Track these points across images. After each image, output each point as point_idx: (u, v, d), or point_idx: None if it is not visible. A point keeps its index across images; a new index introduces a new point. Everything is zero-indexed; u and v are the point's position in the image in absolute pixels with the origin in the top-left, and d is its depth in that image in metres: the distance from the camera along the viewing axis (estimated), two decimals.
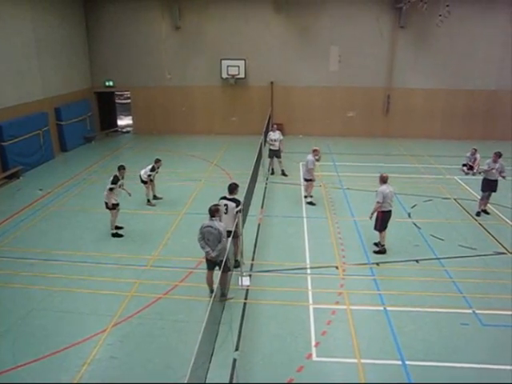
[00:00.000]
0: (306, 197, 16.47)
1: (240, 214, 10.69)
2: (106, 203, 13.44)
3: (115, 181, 13.35)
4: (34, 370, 8.07)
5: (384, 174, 12.41)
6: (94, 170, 20.49)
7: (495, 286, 10.93)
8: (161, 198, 16.49)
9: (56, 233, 13.88)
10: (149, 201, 16.12)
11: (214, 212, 9.71)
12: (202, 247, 9.76)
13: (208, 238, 9.63)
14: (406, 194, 17.02)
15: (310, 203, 16.05)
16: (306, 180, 16.32)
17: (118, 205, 13.61)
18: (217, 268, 9.72)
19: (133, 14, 26.41)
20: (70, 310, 9.90)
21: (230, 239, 10.21)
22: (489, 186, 15.04)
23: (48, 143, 21.93)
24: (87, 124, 26.15)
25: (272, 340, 8.93)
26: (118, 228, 13.82)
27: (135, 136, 28.21)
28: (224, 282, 9.85)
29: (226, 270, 9.53)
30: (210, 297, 9.76)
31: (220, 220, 9.93)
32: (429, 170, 20.40)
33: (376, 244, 12.75)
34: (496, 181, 14.98)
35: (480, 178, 18.86)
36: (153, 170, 15.96)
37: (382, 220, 12.34)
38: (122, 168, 13.73)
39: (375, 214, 12.36)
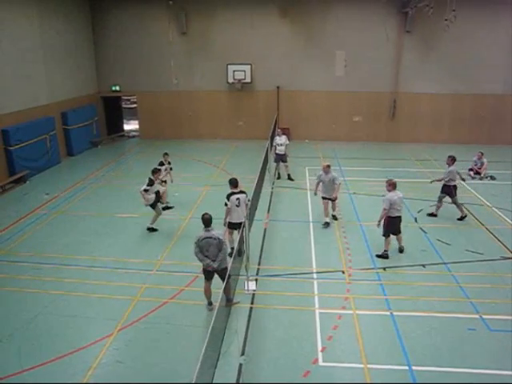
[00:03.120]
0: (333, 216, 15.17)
1: (249, 204, 11.57)
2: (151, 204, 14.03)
3: (151, 183, 13.88)
4: (39, 374, 8.07)
5: (393, 181, 12.36)
6: (100, 174, 20.55)
7: (502, 290, 10.85)
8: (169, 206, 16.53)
9: (62, 237, 13.92)
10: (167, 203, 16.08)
11: (208, 221, 9.55)
12: (201, 260, 9.49)
13: (207, 249, 9.40)
14: (413, 198, 16.95)
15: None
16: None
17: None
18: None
19: (139, 19, 26.57)
20: (76, 315, 9.91)
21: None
22: (447, 190, 14.98)
23: (54, 148, 22.04)
24: (93, 128, 26.27)
25: (278, 345, 8.90)
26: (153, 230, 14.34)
27: (141, 141, 28.31)
28: (228, 289, 9.66)
29: (229, 277, 9.42)
30: (209, 309, 9.87)
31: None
32: (435, 175, 20.26)
33: (379, 255, 12.60)
34: (447, 186, 14.90)
35: (487, 182, 18.94)
36: (161, 164, 15.90)
37: (388, 225, 12.32)
38: (157, 170, 14.60)
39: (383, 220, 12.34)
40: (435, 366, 8.27)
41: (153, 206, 14.02)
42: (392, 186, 12.25)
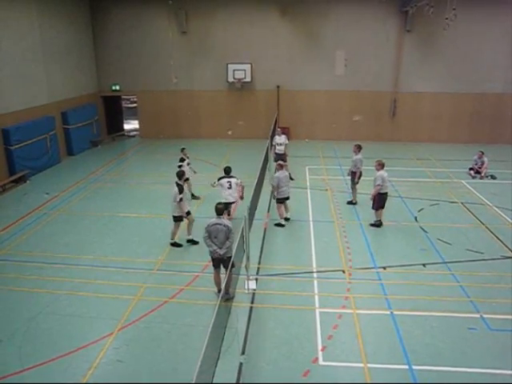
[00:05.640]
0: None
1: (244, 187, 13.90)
2: (175, 216, 12.84)
3: (181, 190, 12.69)
4: (40, 374, 8.08)
5: (382, 161, 14.18)
6: (100, 173, 20.55)
7: (503, 290, 10.84)
8: (198, 198, 16.93)
9: (62, 236, 13.92)
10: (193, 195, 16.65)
11: (221, 210, 10.02)
12: (209, 245, 9.97)
13: (216, 235, 9.84)
14: (413, 197, 16.97)
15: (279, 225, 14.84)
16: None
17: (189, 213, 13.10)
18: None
19: (139, 19, 26.55)
20: (76, 314, 9.92)
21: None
22: (352, 176, 16.25)
23: (55, 147, 22.03)
24: (94, 128, 26.27)
25: (278, 344, 8.90)
26: (177, 245, 13.16)
27: (141, 140, 28.29)
28: (229, 282, 9.85)
29: (232, 266, 9.62)
30: (218, 296, 9.79)
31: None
32: (435, 174, 20.33)
33: (372, 224, 14.49)
34: (354, 173, 16.02)
35: (488, 181, 18.95)
36: (182, 160, 15.99)
37: (379, 201, 14.09)
38: (181, 174, 13.33)
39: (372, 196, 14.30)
40: (435, 366, 8.28)
41: (188, 212, 13.07)
42: (381, 165, 14.08)
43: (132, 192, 18.04)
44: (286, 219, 14.84)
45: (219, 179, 13.85)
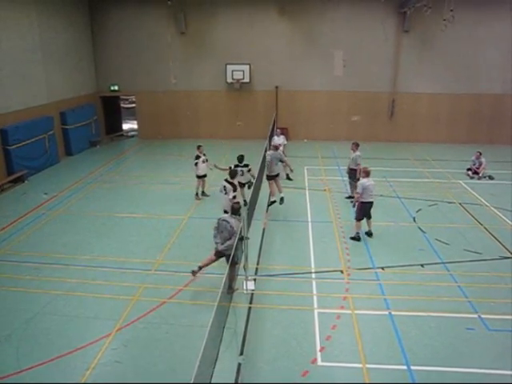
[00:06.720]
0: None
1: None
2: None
3: (235, 188, 12.86)
4: (37, 375, 8.05)
5: (367, 169, 13.60)
6: (98, 174, 20.53)
7: (501, 290, 10.85)
8: (208, 196, 16.92)
9: (61, 237, 13.90)
10: (197, 194, 16.76)
11: (236, 210, 10.38)
12: (214, 236, 10.48)
13: (222, 230, 10.21)
14: (411, 198, 16.97)
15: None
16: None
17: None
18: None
19: (138, 19, 26.53)
20: (74, 314, 9.90)
21: None
22: (351, 174, 16.34)
23: (53, 147, 22.01)
24: (92, 128, 26.25)
25: (277, 344, 8.89)
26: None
27: (140, 140, 28.26)
28: (232, 275, 10.10)
29: (233, 264, 9.79)
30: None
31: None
32: (433, 174, 20.33)
33: (352, 238, 13.63)
34: (355, 170, 15.96)
35: (485, 182, 18.97)
36: (197, 158, 16.25)
37: (361, 210, 13.40)
38: (234, 172, 13.44)
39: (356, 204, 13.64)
40: (434, 366, 8.28)
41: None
42: (366, 173, 13.50)
43: (130, 192, 18.01)
44: (281, 199, 15.31)
45: (235, 166, 14.74)
